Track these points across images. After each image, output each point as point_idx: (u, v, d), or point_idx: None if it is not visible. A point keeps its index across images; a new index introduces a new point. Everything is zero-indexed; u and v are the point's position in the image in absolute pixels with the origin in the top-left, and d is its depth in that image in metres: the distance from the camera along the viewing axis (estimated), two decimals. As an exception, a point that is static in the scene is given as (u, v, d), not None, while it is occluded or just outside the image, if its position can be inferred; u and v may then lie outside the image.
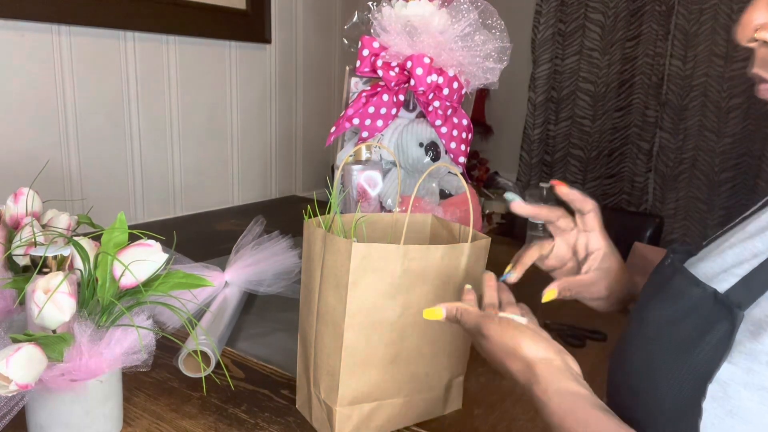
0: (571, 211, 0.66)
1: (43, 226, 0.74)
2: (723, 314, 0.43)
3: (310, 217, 0.66)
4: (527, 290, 0.62)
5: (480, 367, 0.83)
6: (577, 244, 0.65)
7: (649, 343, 0.49)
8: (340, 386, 0.62)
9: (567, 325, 0.97)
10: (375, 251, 0.59)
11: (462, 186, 1.03)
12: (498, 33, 0.97)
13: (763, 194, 1.97)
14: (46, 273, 0.54)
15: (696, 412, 0.42)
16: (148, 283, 0.60)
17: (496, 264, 0.66)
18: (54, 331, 0.54)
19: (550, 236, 0.66)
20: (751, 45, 0.48)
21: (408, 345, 0.65)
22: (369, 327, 0.61)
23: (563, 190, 0.63)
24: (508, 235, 1.78)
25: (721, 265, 0.48)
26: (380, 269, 0.60)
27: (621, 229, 1.64)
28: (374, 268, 0.60)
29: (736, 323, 0.42)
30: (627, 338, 0.53)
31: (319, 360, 0.64)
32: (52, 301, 0.52)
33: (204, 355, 0.75)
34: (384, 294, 0.61)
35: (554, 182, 0.64)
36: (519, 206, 0.64)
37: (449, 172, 1.06)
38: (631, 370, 0.50)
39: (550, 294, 0.61)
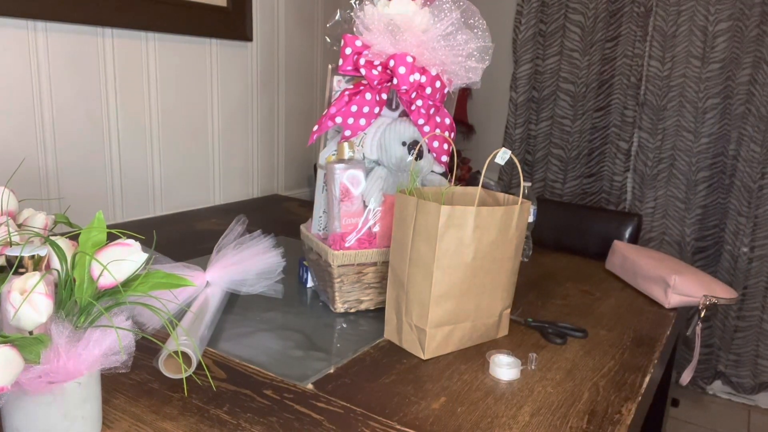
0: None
1: (19, 226, 0.72)
2: None
3: None
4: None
5: (462, 365, 0.84)
6: None
7: None
8: (429, 312, 0.82)
9: (548, 322, 0.98)
10: (456, 212, 0.79)
11: (444, 185, 1.03)
12: (480, 32, 0.98)
13: (738, 193, 2.02)
14: (22, 273, 0.53)
15: None
16: (127, 283, 0.59)
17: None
18: (31, 333, 0.53)
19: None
20: None
21: (476, 281, 0.85)
22: (450, 267, 0.81)
23: None
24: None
25: None
26: (459, 225, 0.80)
27: (601, 228, 1.67)
28: (455, 224, 0.80)
29: None
30: None
31: (411, 294, 0.84)
32: (29, 301, 0.51)
33: (185, 355, 0.74)
34: (461, 243, 0.81)
35: None
36: None
37: (432, 171, 1.06)
38: None
39: None
